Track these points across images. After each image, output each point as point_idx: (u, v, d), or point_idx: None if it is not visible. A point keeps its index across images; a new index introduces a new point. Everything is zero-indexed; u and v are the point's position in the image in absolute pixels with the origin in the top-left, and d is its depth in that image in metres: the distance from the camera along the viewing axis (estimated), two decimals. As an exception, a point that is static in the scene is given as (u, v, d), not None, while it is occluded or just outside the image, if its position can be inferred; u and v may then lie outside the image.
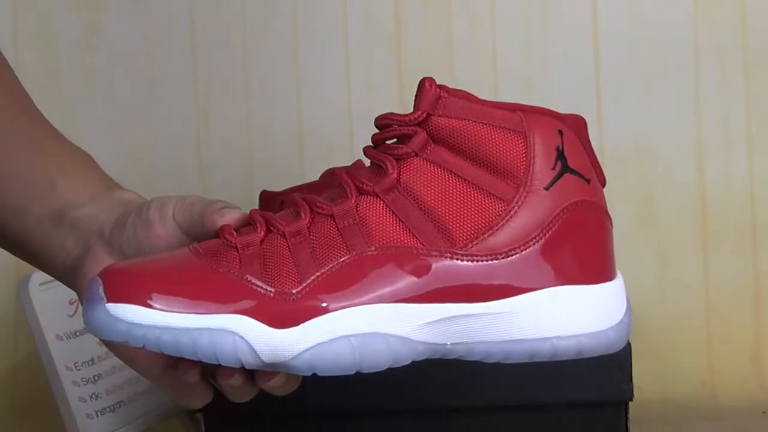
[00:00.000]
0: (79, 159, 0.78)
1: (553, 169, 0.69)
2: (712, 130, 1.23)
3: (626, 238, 1.23)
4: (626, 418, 0.95)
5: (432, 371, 0.93)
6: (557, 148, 0.69)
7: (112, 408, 0.96)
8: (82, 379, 0.94)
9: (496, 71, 1.24)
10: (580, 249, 0.69)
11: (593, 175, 0.71)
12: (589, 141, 0.72)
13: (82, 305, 0.68)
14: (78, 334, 0.96)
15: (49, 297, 0.94)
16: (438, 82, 0.69)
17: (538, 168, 0.68)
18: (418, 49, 1.24)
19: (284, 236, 0.67)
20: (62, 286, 0.97)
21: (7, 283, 1.21)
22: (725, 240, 1.22)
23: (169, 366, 0.70)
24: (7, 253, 0.79)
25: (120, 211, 0.73)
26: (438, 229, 0.67)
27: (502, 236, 0.67)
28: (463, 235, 0.67)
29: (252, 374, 0.68)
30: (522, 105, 0.70)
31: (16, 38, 1.24)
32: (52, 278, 0.94)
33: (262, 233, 0.68)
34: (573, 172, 0.69)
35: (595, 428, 0.95)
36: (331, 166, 0.93)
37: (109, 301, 0.65)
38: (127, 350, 0.69)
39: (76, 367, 0.94)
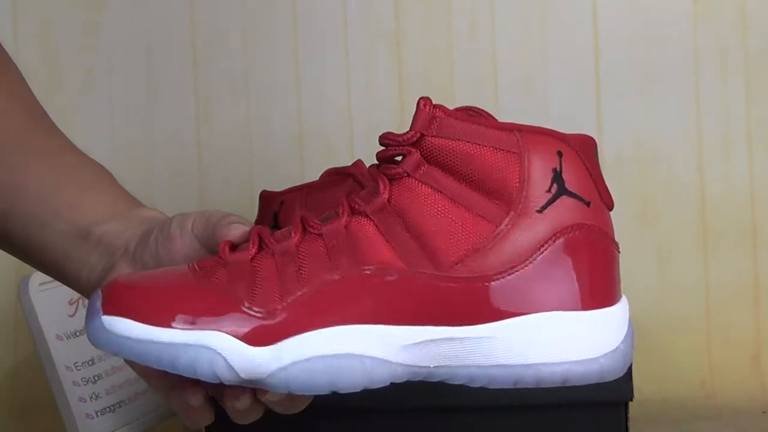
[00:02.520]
0: (100, 175, 0.79)
1: (548, 191, 0.67)
2: (712, 130, 1.23)
3: (626, 238, 1.23)
4: (626, 418, 0.95)
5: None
6: (554, 170, 0.68)
7: (112, 408, 0.96)
8: (82, 379, 0.94)
9: (496, 71, 1.24)
10: (574, 274, 0.67)
11: (596, 198, 0.69)
12: (596, 162, 0.71)
13: None
14: (78, 334, 0.96)
15: (49, 297, 0.94)
16: (435, 102, 0.68)
17: (532, 190, 0.67)
18: (418, 49, 1.24)
19: (273, 254, 0.67)
20: (62, 287, 0.97)
21: (7, 283, 1.21)
22: (725, 240, 1.22)
23: (174, 385, 0.70)
24: (7, 253, 0.79)
25: (143, 227, 0.74)
26: (423, 251, 0.67)
27: (488, 259, 0.66)
28: (449, 257, 0.66)
29: (256, 394, 0.69)
30: (521, 125, 0.69)
31: (16, 38, 1.24)
32: (52, 278, 0.95)
33: (254, 251, 0.68)
34: (571, 194, 0.68)
35: (595, 428, 0.95)
36: (331, 166, 0.93)
37: (105, 313, 0.66)
38: (139, 365, 0.69)
39: (76, 367, 0.94)
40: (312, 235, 0.68)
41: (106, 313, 0.66)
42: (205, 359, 0.64)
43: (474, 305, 0.66)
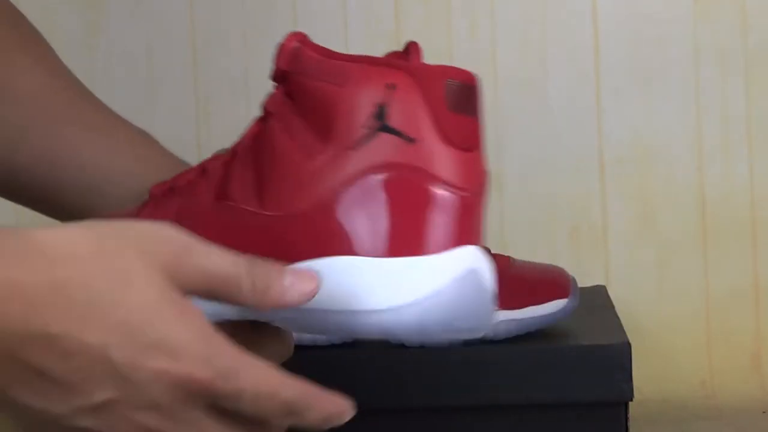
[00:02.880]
0: (150, 143, 0.83)
1: (366, 126, 0.63)
2: (712, 130, 1.23)
3: (626, 238, 1.23)
4: (626, 418, 0.95)
5: (432, 371, 0.93)
6: (378, 105, 0.63)
7: (112, 408, 0.96)
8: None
9: (496, 71, 1.24)
10: (378, 217, 0.62)
11: (427, 136, 0.62)
12: (457, 98, 0.63)
13: None
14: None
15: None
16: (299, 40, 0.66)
17: (347, 125, 0.63)
18: (418, 49, 1.24)
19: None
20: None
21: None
22: (725, 240, 1.22)
23: None
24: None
25: None
26: (255, 190, 0.65)
27: (302, 196, 0.63)
28: (272, 198, 0.64)
29: None
30: (371, 57, 0.65)
31: (16, 38, 1.24)
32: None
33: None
34: (392, 131, 0.62)
35: (595, 428, 0.95)
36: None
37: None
38: None
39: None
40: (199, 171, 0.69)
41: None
42: None
43: (284, 244, 0.64)
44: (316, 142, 0.64)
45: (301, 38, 0.68)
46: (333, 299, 0.62)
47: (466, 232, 0.62)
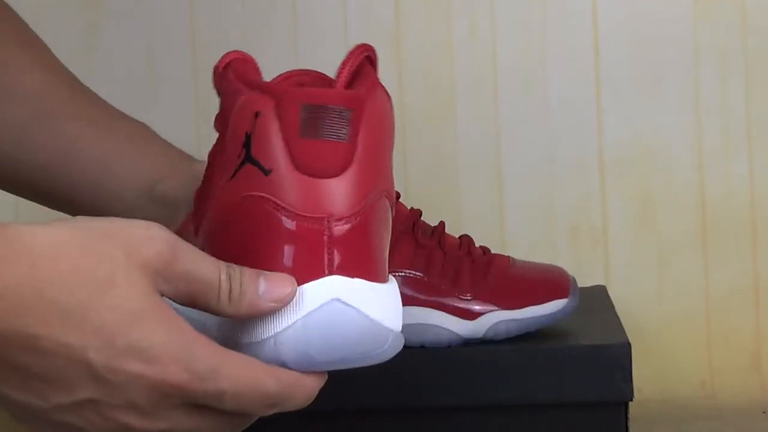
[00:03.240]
0: (150, 136, 0.84)
1: (239, 156, 0.62)
2: (712, 130, 1.23)
3: (626, 238, 1.23)
4: (626, 418, 0.95)
5: (432, 371, 0.93)
6: (246, 134, 0.62)
7: (112, 408, 0.96)
8: (82, 379, 0.94)
9: (496, 71, 1.24)
10: (243, 250, 0.61)
11: (282, 165, 0.61)
12: (314, 127, 0.60)
13: None
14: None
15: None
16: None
17: (228, 154, 0.63)
18: (418, 49, 1.24)
19: None
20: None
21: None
22: (725, 240, 1.22)
23: None
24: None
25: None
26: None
27: (211, 220, 0.64)
28: (202, 214, 0.66)
29: None
30: (259, 82, 0.63)
31: (16, 38, 1.24)
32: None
33: None
34: (253, 161, 0.61)
35: (595, 428, 0.95)
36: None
37: None
38: None
39: (76, 367, 0.94)
40: None
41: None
42: None
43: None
44: (225, 167, 0.64)
45: (234, 58, 0.66)
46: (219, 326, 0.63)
47: (321, 262, 0.61)
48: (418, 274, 0.94)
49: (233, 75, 0.65)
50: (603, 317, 1.04)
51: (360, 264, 0.61)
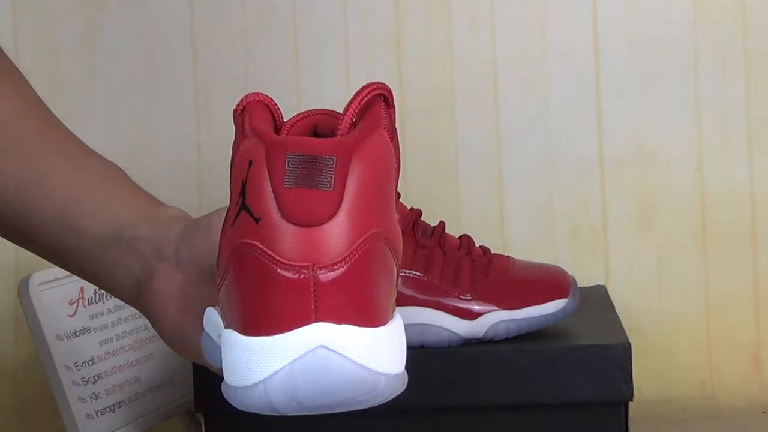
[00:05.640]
0: (121, 177, 0.80)
1: (237, 204, 0.63)
2: (712, 130, 1.23)
3: (626, 238, 1.23)
4: (626, 418, 0.95)
5: (432, 371, 0.93)
6: (242, 182, 0.63)
7: (112, 408, 0.96)
8: (82, 379, 0.94)
9: (496, 71, 1.24)
10: (234, 297, 0.63)
11: (269, 213, 0.61)
12: (298, 176, 0.61)
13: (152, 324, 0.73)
14: (78, 334, 0.96)
15: (49, 297, 0.94)
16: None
17: (232, 204, 0.64)
18: (418, 49, 1.24)
19: None
20: (62, 286, 0.97)
21: (7, 283, 1.20)
22: (725, 240, 1.22)
23: None
24: (7, 253, 0.79)
25: (174, 229, 0.74)
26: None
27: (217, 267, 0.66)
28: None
29: None
30: (260, 129, 0.64)
31: (16, 38, 1.24)
32: (52, 278, 0.95)
33: None
34: (247, 209, 0.62)
35: (595, 428, 0.95)
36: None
37: None
38: None
39: (76, 367, 0.94)
40: None
41: None
42: None
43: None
44: (230, 213, 0.65)
45: (251, 101, 0.67)
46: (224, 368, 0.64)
47: (308, 309, 0.61)
48: (418, 274, 0.94)
49: (245, 119, 0.66)
50: (603, 317, 1.04)
51: (349, 310, 0.61)
